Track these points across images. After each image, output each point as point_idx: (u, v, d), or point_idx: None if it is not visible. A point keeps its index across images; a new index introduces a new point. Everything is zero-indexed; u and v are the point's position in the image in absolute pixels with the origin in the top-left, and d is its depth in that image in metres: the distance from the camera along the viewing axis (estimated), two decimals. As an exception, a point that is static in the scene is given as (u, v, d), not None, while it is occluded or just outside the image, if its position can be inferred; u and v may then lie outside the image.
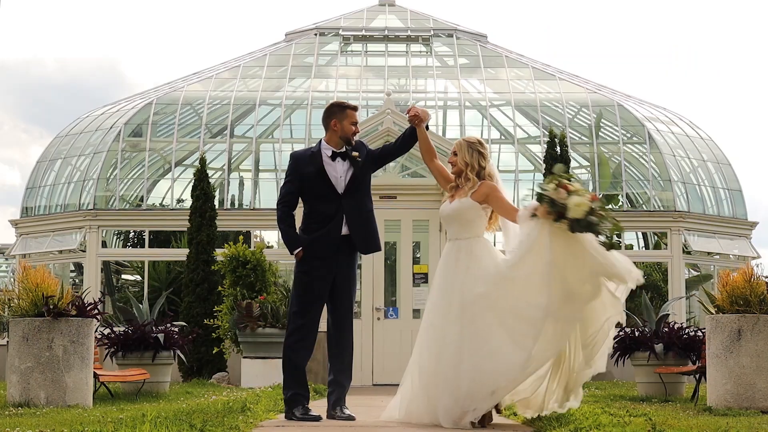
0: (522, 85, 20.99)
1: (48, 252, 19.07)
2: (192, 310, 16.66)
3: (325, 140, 7.78)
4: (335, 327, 7.80)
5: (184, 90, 20.44)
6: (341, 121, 7.71)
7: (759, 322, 9.30)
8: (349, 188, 7.67)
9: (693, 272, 19.79)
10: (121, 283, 20.48)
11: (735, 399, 9.25)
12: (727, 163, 20.05)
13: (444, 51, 22.39)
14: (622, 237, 19.20)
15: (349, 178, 7.68)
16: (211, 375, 16.10)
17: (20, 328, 9.54)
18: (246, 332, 14.64)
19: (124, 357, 13.07)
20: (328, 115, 7.79)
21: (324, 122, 7.81)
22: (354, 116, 7.76)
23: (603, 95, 20.55)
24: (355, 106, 7.83)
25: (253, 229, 18.66)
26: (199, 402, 10.00)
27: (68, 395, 9.46)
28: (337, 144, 7.72)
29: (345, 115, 7.73)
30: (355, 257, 7.83)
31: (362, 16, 23.69)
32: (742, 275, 9.70)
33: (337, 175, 7.68)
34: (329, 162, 7.67)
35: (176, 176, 19.47)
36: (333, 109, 7.80)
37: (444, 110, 20.62)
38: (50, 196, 19.51)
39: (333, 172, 7.67)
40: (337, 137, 7.72)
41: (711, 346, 9.56)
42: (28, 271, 10.01)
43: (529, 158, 19.88)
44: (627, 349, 12.96)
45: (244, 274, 15.61)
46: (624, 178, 19.15)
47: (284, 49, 22.14)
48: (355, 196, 7.67)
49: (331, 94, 20.37)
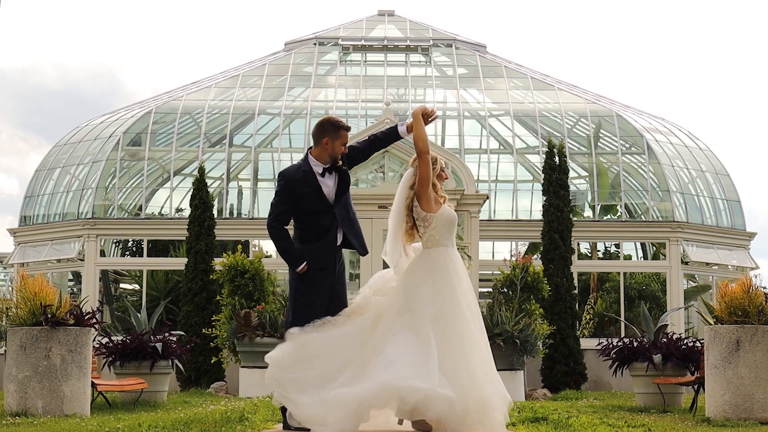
0: (521, 95, 21.01)
1: (46, 261, 19.05)
2: (190, 319, 16.65)
3: (314, 155, 7.71)
4: None
5: (184, 99, 20.46)
6: (333, 141, 7.67)
7: (757, 333, 9.29)
8: (338, 197, 7.71)
9: (691, 283, 19.80)
10: (119, 292, 20.47)
11: (733, 410, 9.23)
12: (725, 174, 20.07)
13: (443, 61, 22.43)
14: (621, 247, 19.22)
15: (336, 189, 7.72)
16: (209, 384, 16.07)
17: (18, 337, 9.53)
18: (244, 341, 14.62)
19: (122, 366, 13.04)
20: (321, 131, 7.73)
21: (315, 137, 7.76)
22: (346, 137, 7.74)
23: (602, 105, 20.58)
24: (348, 127, 7.80)
25: (251, 239, 18.65)
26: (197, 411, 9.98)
27: (66, 405, 9.44)
28: (325, 161, 7.71)
29: (338, 135, 7.69)
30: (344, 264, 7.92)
31: (361, 26, 23.73)
32: (740, 286, 9.70)
33: (329, 190, 7.71)
34: (322, 180, 7.68)
35: (175, 185, 19.47)
36: (327, 127, 7.72)
37: (443, 120, 20.64)
38: (49, 205, 19.51)
39: (326, 188, 7.68)
40: (326, 155, 7.70)
41: (709, 357, 9.55)
42: (26, 280, 10.00)
43: (528, 168, 19.90)
44: (625, 359, 12.94)
45: (243, 283, 15.60)
46: (623, 189, 19.17)
47: (284, 59, 22.17)
48: (341, 203, 7.73)
49: (330, 103, 20.40)
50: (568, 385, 16.38)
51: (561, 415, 8.96)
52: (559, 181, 17.30)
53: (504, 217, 19.10)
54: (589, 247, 19.80)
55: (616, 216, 19.15)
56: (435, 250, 7.40)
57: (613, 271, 18.96)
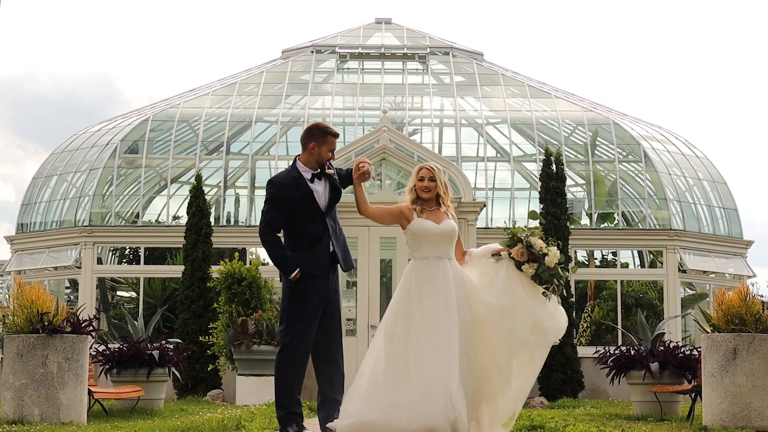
0: (518, 103, 21.03)
1: (43, 268, 19.04)
2: (187, 327, 16.63)
3: (302, 161, 7.75)
4: (325, 345, 7.73)
5: (181, 107, 20.46)
6: (320, 147, 7.70)
7: (754, 341, 9.30)
8: (328, 206, 7.73)
9: (688, 291, 19.80)
10: (116, 300, 20.45)
11: (731, 418, 9.23)
12: (722, 182, 20.09)
13: (440, 69, 22.45)
14: (618, 255, 19.23)
15: (328, 197, 7.73)
16: (206, 392, 16.06)
17: (15, 345, 9.52)
18: (241, 349, 14.60)
19: (119, 374, 13.03)
20: (308, 136, 7.76)
21: (303, 141, 7.79)
22: (333, 143, 7.78)
23: (599, 113, 20.60)
24: (336, 133, 7.83)
25: (248, 246, 18.64)
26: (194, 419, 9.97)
27: (62, 412, 9.43)
28: (313, 166, 7.74)
29: (325, 141, 7.72)
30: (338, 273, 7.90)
31: (359, 34, 23.76)
32: (737, 294, 9.71)
33: (320, 196, 7.73)
34: (312, 185, 7.69)
35: (172, 193, 19.46)
36: (315, 132, 7.76)
37: (440, 128, 20.65)
38: (46, 213, 19.49)
39: (317, 194, 7.70)
40: (313, 160, 7.73)
41: (706, 365, 9.55)
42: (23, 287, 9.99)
43: (525, 176, 19.91)
44: (622, 367, 12.95)
45: (240, 291, 15.59)
46: (619, 197, 19.18)
47: (281, 67, 22.19)
48: (331, 214, 7.75)
49: (328, 111, 20.41)
50: (565, 393, 16.37)
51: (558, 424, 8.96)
52: (556, 189, 17.32)
53: (501, 224, 19.09)
54: (586, 255, 19.81)
55: (613, 224, 19.15)
56: (409, 263, 7.58)
57: (610, 279, 18.97)
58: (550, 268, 7.46)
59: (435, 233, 7.48)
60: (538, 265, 7.44)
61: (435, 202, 7.67)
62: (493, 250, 7.64)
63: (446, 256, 7.48)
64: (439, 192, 7.66)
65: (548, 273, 7.46)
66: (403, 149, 17.85)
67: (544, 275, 7.45)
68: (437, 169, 7.67)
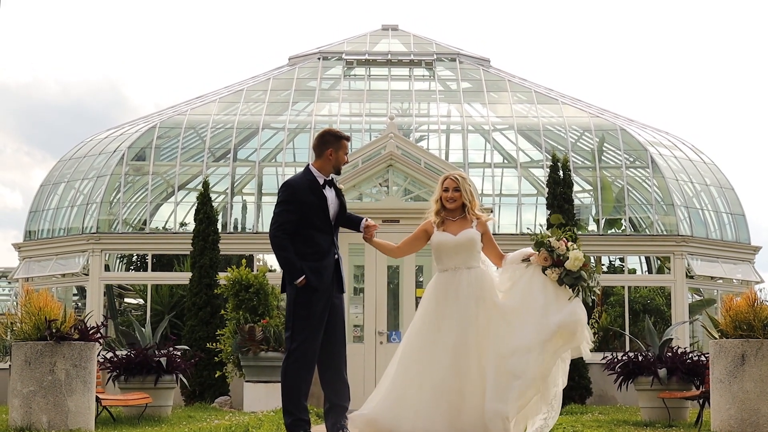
0: (525, 110, 21.03)
1: (51, 275, 19.06)
2: (194, 333, 16.64)
3: (316, 167, 7.78)
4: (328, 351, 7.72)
5: (188, 114, 20.49)
6: (337, 152, 7.77)
7: (763, 347, 9.28)
8: (336, 218, 7.78)
9: (696, 297, 19.75)
10: (123, 307, 20.46)
11: (739, 424, 9.21)
12: (730, 188, 20.05)
13: (447, 75, 22.45)
14: (626, 261, 19.20)
15: (336, 208, 7.77)
16: (214, 399, 16.06)
17: (23, 352, 9.53)
18: (248, 356, 14.61)
19: (127, 381, 13.04)
20: (323, 142, 7.80)
21: (317, 149, 7.82)
22: (347, 147, 7.90)
23: (606, 119, 20.58)
24: (348, 137, 7.94)
25: (255, 253, 18.64)
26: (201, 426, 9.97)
27: (70, 419, 9.43)
28: (328, 173, 7.78)
29: (340, 145, 7.80)
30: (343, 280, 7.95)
31: (365, 41, 23.78)
32: (745, 300, 9.69)
33: (331, 202, 7.77)
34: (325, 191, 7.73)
35: (179, 200, 19.48)
36: (328, 138, 7.81)
37: (447, 134, 20.65)
38: (53, 220, 19.52)
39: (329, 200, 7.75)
40: (330, 166, 7.77)
41: (714, 371, 9.53)
42: (31, 294, 10.01)
43: (532, 182, 19.90)
44: (630, 373, 12.93)
45: (247, 297, 15.60)
46: (627, 203, 19.16)
47: (287, 73, 22.21)
48: (336, 230, 7.85)
49: (335, 117, 20.43)
50: (573, 399, 16.34)
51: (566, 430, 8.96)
52: (563, 195, 17.31)
53: (508, 231, 19.07)
54: (593, 261, 19.78)
55: (621, 230, 19.13)
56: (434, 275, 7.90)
57: (617, 285, 18.93)
58: (572, 272, 7.50)
59: (450, 245, 7.66)
60: (561, 269, 7.49)
61: (460, 211, 7.79)
62: (524, 255, 7.78)
63: (465, 265, 7.62)
64: (464, 201, 7.76)
65: (571, 277, 7.46)
66: (410, 155, 17.86)
67: (567, 279, 7.48)
68: (462, 179, 7.80)
